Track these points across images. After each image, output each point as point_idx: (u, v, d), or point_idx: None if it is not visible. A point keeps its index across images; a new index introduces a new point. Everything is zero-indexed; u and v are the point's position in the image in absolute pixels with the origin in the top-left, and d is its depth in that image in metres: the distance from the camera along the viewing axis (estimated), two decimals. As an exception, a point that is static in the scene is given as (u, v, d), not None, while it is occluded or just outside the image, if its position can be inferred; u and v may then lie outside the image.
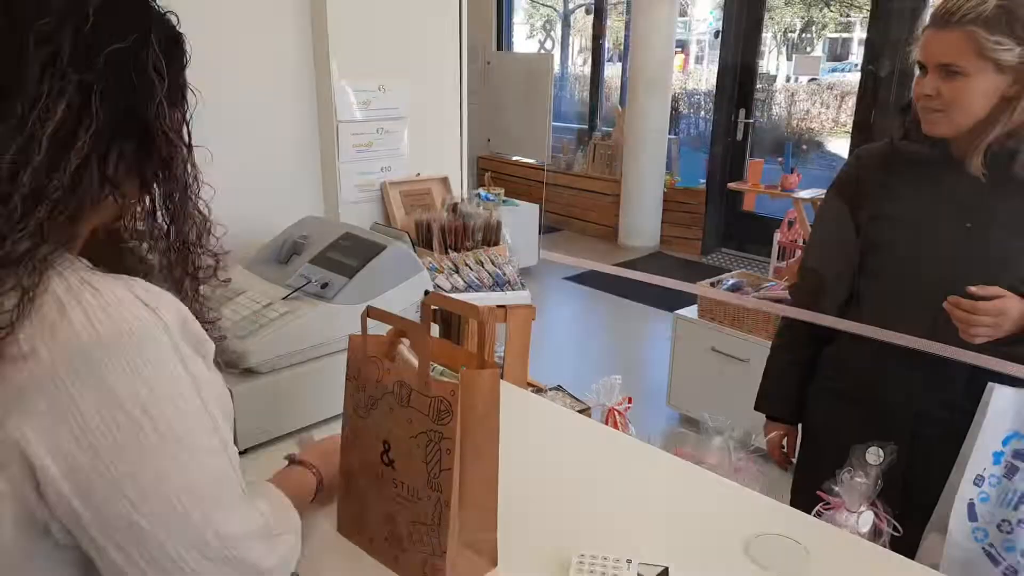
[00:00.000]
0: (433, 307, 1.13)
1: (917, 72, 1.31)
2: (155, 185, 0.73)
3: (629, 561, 0.96)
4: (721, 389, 2.84)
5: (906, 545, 1.30)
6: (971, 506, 1.27)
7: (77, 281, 0.64)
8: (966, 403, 1.29)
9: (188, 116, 0.75)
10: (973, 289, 1.22)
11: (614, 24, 8.34)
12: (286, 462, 1.05)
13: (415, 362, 0.93)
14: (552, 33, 7.53)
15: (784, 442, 1.64)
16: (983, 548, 1.28)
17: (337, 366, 1.04)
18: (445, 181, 2.04)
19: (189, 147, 0.74)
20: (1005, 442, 1.26)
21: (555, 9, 8.76)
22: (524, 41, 8.54)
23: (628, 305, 4.70)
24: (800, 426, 1.64)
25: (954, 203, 1.32)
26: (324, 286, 1.31)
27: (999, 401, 1.25)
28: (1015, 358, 1.26)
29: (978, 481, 1.27)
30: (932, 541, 1.31)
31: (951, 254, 1.32)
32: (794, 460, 1.65)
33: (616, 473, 1.20)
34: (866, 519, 1.13)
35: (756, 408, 1.67)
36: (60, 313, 0.61)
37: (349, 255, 1.37)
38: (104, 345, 0.61)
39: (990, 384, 1.25)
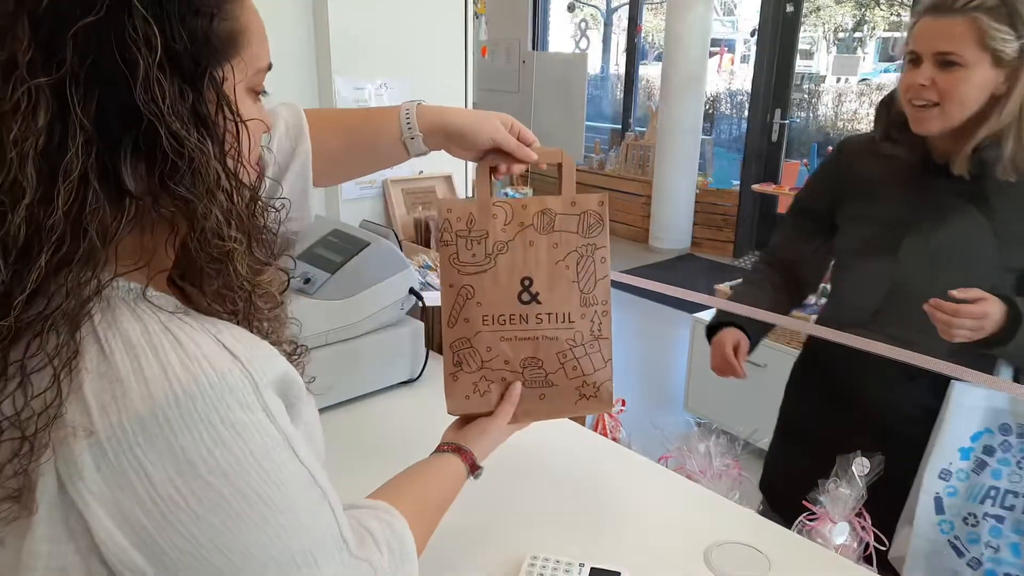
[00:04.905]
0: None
1: (906, 64, 1.26)
2: (180, 187, 0.54)
3: (582, 565, 0.95)
4: (738, 394, 2.78)
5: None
6: (938, 500, 1.29)
7: (158, 328, 0.53)
8: (936, 400, 1.28)
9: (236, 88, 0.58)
10: (955, 293, 1.18)
11: (655, 23, 8.25)
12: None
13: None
14: (588, 32, 7.47)
15: (737, 346, 1.53)
16: (948, 540, 1.30)
17: (315, 360, 1.04)
18: (449, 179, 2.04)
19: (207, 131, 0.54)
20: (975, 438, 1.26)
21: (598, 8, 8.71)
22: (566, 40, 8.49)
23: (652, 307, 4.64)
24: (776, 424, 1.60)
25: (935, 204, 1.28)
26: (306, 281, 1.32)
27: (963, 397, 1.25)
28: (987, 359, 1.26)
29: (944, 475, 1.29)
30: (903, 534, 1.33)
31: (930, 255, 1.29)
32: (744, 366, 1.55)
33: (585, 476, 1.19)
34: (840, 530, 1.09)
35: (708, 332, 1.58)
36: (134, 366, 0.51)
37: (334, 251, 1.38)
38: (178, 404, 0.51)
39: (953, 381, 1.24)
